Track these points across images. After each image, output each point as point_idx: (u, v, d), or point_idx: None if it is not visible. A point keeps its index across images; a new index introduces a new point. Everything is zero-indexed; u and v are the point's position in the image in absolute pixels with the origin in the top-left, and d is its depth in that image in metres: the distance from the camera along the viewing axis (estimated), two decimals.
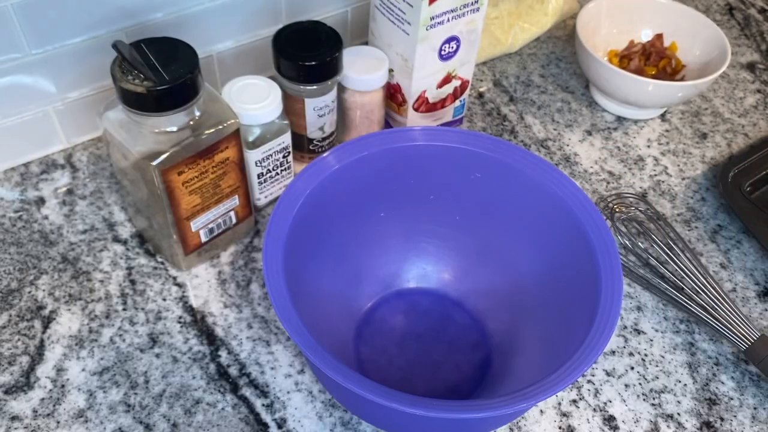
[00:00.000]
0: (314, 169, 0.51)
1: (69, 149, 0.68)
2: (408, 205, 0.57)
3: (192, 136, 0.51)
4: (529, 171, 0.53)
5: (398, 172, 0.55)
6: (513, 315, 0.56)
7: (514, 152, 0.54)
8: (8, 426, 0.51)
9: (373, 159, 0.53)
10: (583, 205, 0.51)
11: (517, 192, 0.54)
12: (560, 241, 0.52)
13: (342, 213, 0.54)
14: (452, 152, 0.54)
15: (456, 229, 0.58)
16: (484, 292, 0.58)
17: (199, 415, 0.52)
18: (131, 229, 0.63)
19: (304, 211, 0.49)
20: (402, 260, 0.59)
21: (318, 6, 0.72)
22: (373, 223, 0.57)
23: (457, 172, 0.55)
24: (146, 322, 0.57)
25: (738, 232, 0.67)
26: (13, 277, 0.59)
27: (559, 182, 0.52)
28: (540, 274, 0.54)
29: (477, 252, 0.58)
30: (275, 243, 0.46)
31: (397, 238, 0.58)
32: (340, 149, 0.52)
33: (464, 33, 0.64)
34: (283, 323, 0.43)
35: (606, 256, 0.48)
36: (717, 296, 0.58)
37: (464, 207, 0.57)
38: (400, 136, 0.54)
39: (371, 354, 0.56)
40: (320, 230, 0.52)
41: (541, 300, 0.54)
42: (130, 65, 0.49)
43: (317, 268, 0.53)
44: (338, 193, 0.52)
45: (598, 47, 0.79)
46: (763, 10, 0.92)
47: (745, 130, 0.77)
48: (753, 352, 0.56)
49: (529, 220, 0.54)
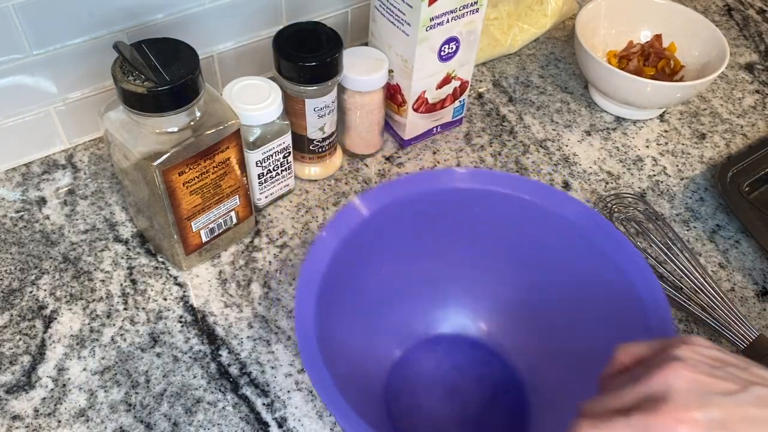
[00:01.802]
0: (344, 217, 0.49)
1: (70, 149, 0.68)
2: (442, 250, 0.54)
3: (193, 136, 0.51)
4: (577, 221, 0.50)
5: (432, 216, 0.52)
6: (556, 370, 0.53)
7: (557, 198, 0.51)
8: (9, 425, 0.51)
9: (404, 204, 0.51)
10: (638, 265, 0.48)
11: (562, 243, 0.51)
12: (610, 297, 0.49)
13: (373, 260, 0.52)
14: (487, 196, 0.52)
15: (494, 275, 0.55)
16: (525, 346, 0.55)
17: (200, 414, 0.53)
18: (132, 229, 0.63)
19: (334, 263, 0.47)
20: (435, 308, 0.57)
21: (318, 7, 0.72)
22: (404, 269, 0.54)
23: (494, 217, 0.52)
24: (147, 321, 0.57)
25: (736, 232, 0.67)
26: (14, 277, 0.59)
27: (614, 241, 0.49)
28: (587, 328, 0.51)
29: (517, 302, 0.55)
30: (307, 300, 0.44)
31: (429, 284, 0.56)
32: (370, 195, 0.50)
33: (464, 34, 0.64)
34: (318, 392, 0.41)
35: (658, 319, 0.45)
36: (716, 296, 0.58)
37: (502, 254, 0.54)
38: (437, 178, 0.52)
39: (404, 407, 0.53)
40: (350, 280, 0.50)
41: (587, 355, 0.50)
42: (131, 66, 0.49)
43: (347, 319, 0.50)
44: (369, 241, 0.50)
45: (597, 48, 0.79)
46: (762, 10, 0.92)
47: (744, 131, 0.77)
48: (752, 352, 0.56)
49: (576, 274, 0.51)
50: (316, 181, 0.68)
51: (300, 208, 0.66)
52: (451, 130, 0.74)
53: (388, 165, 0.70)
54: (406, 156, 0.71)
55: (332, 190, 0.67)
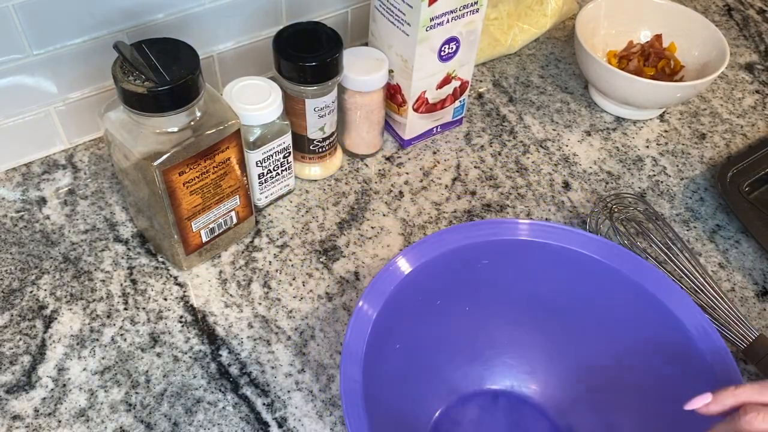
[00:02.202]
0: (386, 277, 0.46)
1: (70, 149, 0.68)
2: (487, 305, 0.52)
3: (193, 136, 0.52)
4: (625, 270, 0.48)
5: (475, 270, 0.50)
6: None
7: (596, 246, 0.48)
8: (10, 425, 0.51)
9: (445, 259, 0.48)
10: (695, 317, 0.46)
11: (612, 295, 0.49)
12: (670, 359, 0.47)
13: (415, 318, 0.50)
14: (527, 246, 0.49)
15: (542, 333, 0.53)
16: (576, 407, 0.52)
17: (200, 414, 0.53)
18: (132, 229, 0.63)
19: (378, 324, 0.45)
20: (479, 364, 0.55)
21: (318, 7, 0.72)
22: (446, 325, 0.52)
23: (538, 269, 0.50)
24: (147, 321, 0.57)
25: (736, 232, 0.67)
26: (14, 277, 0.59)
27: (678, 301, 0.47)
28: (645, 391, 0.49)
29: (567, 360, 0.53)
30: (353, 367, 0.43)
31: (473, 341, 0.54)
32: (411, 252, 0.48)
33: (464, 34, 0.64)
34: None
35: (721, 373, 0.44)
36: (715, 296, 0.58)
37: (549, 308, 0.52)
38: (490, 231, 0.49)
39: None
40: (393, 339, 0.48)
41: (643, 422, 0.48)
42: (131, 66, 0.49)
43: (390, 375, 0.48)
44: (410, 299, 0.48)
45: (597, 48, 0.79)
46: (762, 10, 0.92)
47: (744, 131, 0.77)
48: (752, 352, 0.56)
49: (632, 332, 0.49)
50: (316, 181, 0.68)
51: (300, 208, 0.66)
52: (451, 130, 0.74)
53: (388, 165, 0.70)
54: (406, 156, 0.71)
55: (332, 190, 0.68)
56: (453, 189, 0.69)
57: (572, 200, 0.69)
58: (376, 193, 0.68)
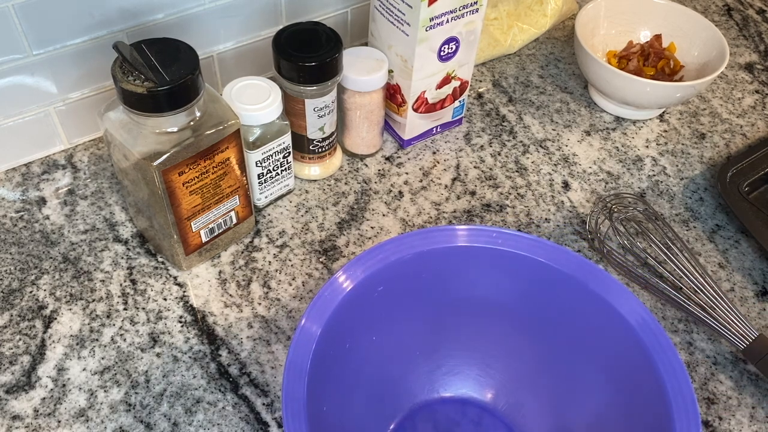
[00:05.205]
0: (323, 298, 0.46)
1: (70, 149, 0.68)
2: (435, 313, 0.52)
3: (193, 136, 0.52)
4: (587, 282, 0.47)
5: (423, 278, 0.50)
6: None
7: (553, 252, 0.48)
8: (9, 425, 0.51)
9: (388, 271, 0.47)
10: (651, 329, 0.46)
11: (573, 306, 0.49)
12: (625, 367, 0.47)
13: (363, 331, 0.49)
14: (478, 253, 0.49)
15: (493, 337, 0.53)
16: (533, 411, 0.52)
17: (200, 414, 0.53)
18: (132, 229, 0.63)
19: (321, 342, 0.44)
20: (432, 373, 0.54)
21: (318, 7, 0.72)
22: (396, 336, 0.52)
23: (492, 277, 0.50)
24: (147, 321, 0.57)
25: (736, 231, 0.67)
26: (14, 277, 0.59)
27: (626, 302, 0.47)
28: (605, 403, 0.49)
29: (520, 363, 0.53)
30: (296, 386, 0.42)
31: (425, 350, 0.53)
32: (351, 267, 0.47)
33: (463, 34, 0.64)
34: None
35: (678, 390, 0.43)
36: (715, 296, 0.58)
37: (498, 311, 0.52)
38: (430, 239, 0.49)
39: None
40: (339, 355, 0.47)
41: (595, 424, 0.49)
42: (130, 66, 0.49)
43: (339, 391, 0.48)
44: (355, 314, 0.47)
45: (597, 48, 0.79)
46: (762, 10, 0.92)
47: (743, 131, 0.77)
48: (751, 352, 0.56)
49: (579, 331, 0.49)
50: (316, 181, 0.68)
51: (300, 208, 0.66)
52: (450, 130, 0.74)
53: (388, 165, 0.70)
54: (406, 156, 0.71)
55: (332, 190, 0.68)
56: (453, 189, 0.69)
57: (572, 200, 0.69)
58: (375, 193, 0.68)
